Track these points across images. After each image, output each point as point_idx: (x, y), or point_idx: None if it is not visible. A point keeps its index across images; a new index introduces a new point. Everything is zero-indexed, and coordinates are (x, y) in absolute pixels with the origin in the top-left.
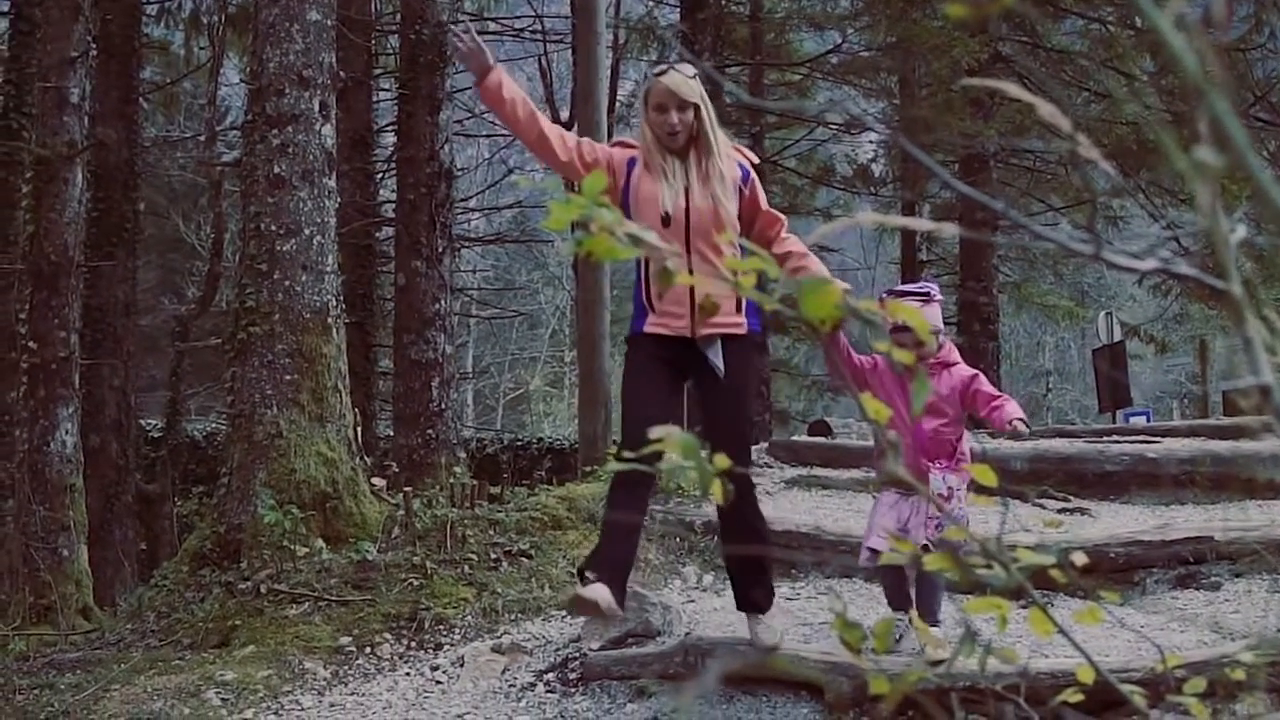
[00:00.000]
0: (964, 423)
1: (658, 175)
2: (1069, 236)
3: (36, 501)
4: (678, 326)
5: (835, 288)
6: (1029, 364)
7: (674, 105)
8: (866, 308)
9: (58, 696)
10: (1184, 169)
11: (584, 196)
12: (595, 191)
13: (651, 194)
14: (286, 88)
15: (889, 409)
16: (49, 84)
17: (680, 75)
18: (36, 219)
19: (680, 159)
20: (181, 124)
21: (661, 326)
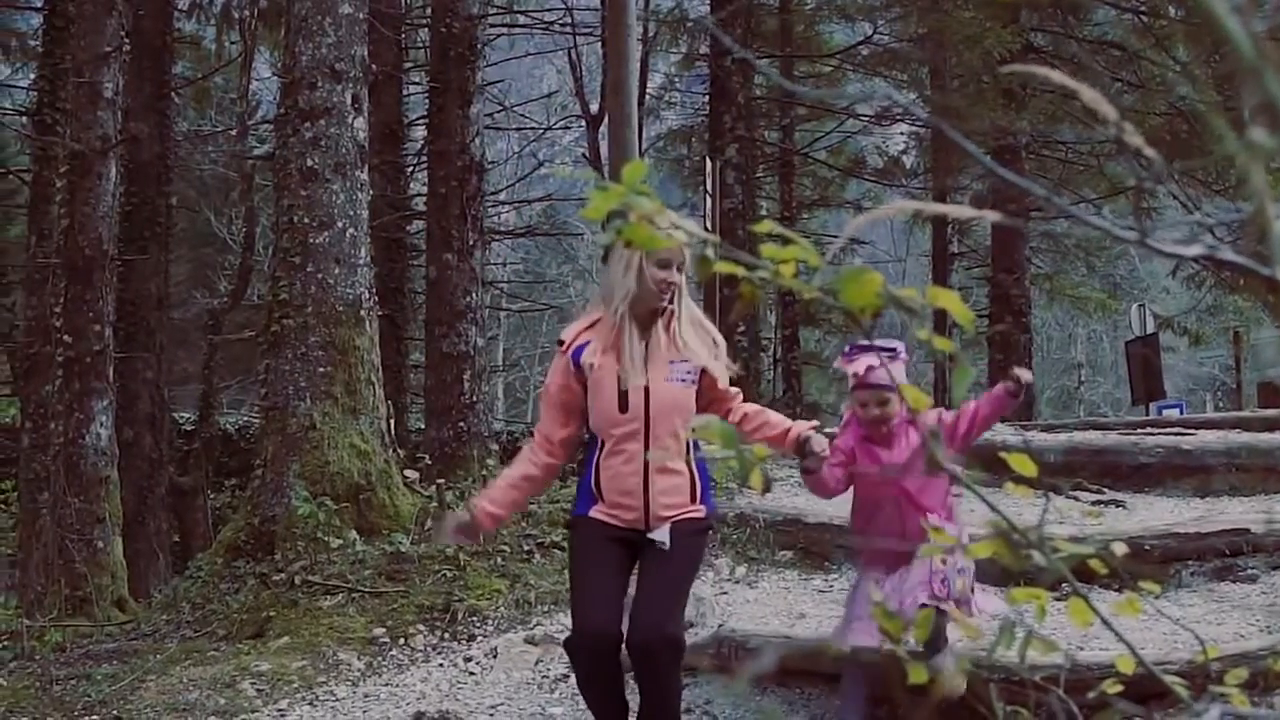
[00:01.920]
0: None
1: (616, 348)
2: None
3: (72, 494)
4: (629, 520)
5: (874, 276)
6: (1061, 357)
7: (677, 262)
8: (907, 295)
9: (94, 687)
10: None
11: (623, 185)
12: (635, 179)
13: (604, 377)
14: (319, 81)
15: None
16: (83, 79)
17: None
18: (70, 213)
19: (645, 328)
20: (213, 118)
21: (611, 518)
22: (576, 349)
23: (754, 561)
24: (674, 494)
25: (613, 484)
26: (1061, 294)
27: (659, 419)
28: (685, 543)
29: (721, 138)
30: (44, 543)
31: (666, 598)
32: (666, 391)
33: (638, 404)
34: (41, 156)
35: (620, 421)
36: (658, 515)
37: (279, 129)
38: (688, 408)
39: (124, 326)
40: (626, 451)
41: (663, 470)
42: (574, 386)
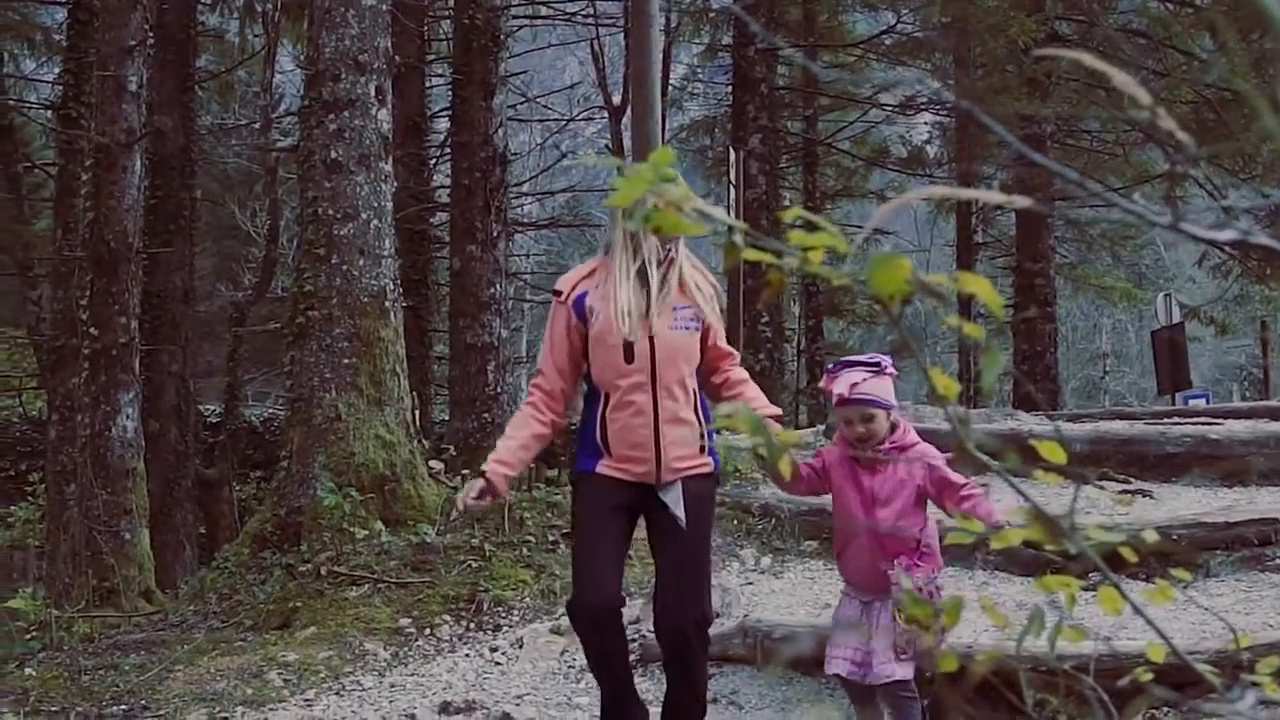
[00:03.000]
0: (923, 510)
1: (615, 295)
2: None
3: (99, 486)
4: (639, 473)
5: (904, 262)
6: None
7: None
8: (936, 282)
9: (122, 677)
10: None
11: (652, 170)
12: (665, 165)
13: (608, 325)
14: (342, 73)
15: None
16: (107, 73)
17: None
18: (96, 206)
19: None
20: (236, 111)
21: (619, 471)
22: (577, 298)
23: (779, 552)
24: (684, 445)
25: (622, 437)
26: (1087, 283)
27: (665, 367)
28: (699, 511)
29: (745, 128)
30: (71, 534)
31: (693, 580)
32: (672, 339)
33: (644, 353)
34: (67, 150)
35: (627, 372)
36: (669, 468)
37: (303, 121)
38: (694, 355)
39: (149, 319)
40: (635, 403)
41: (673, 420)
42: (577, 336)
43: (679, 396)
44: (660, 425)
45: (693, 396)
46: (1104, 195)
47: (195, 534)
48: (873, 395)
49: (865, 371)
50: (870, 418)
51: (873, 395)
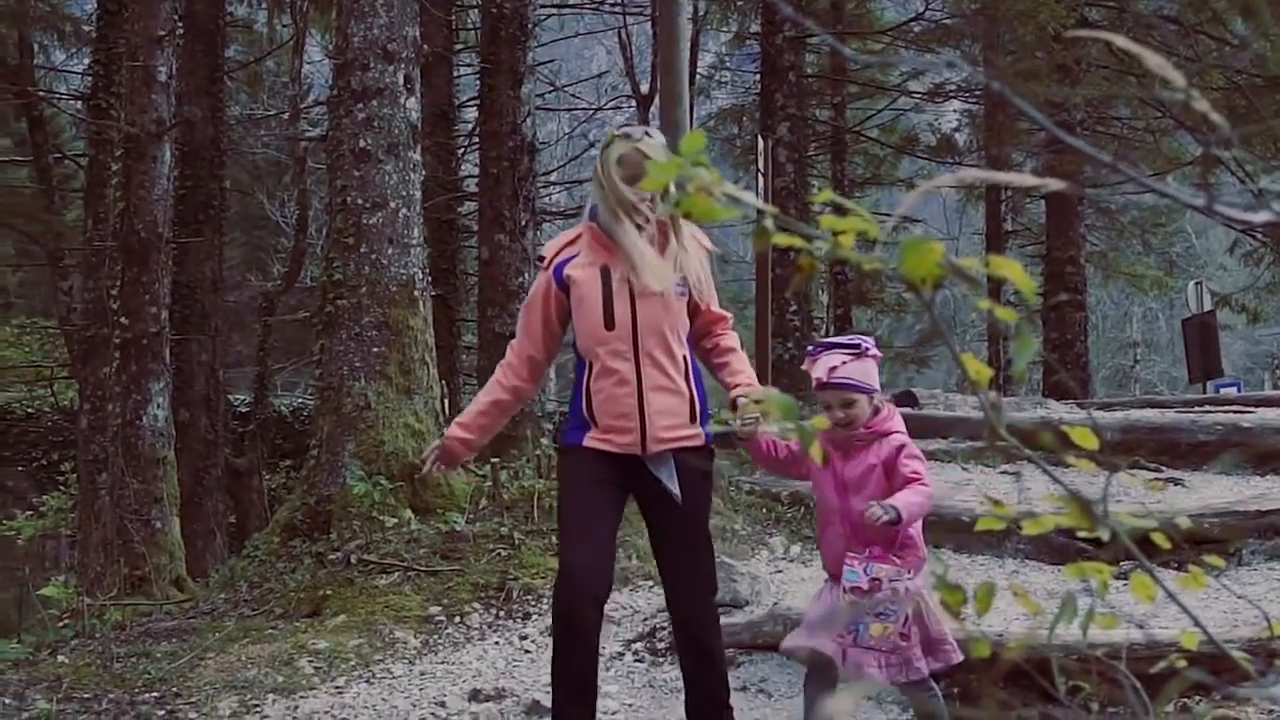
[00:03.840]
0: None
1: (599, 263)
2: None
3: (130, 474)
4: (624, 444)
5: (936, 246)
6: (1116, 335)
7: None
8: (968, 266)
9: (154, 664)
10: None
11: (683, 156)
12: (695, 150)
13: (589, 291)
14: (371, 62)
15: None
16: (137, 63)
17: (657, 143)
18: (126, 196)
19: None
20: (265, 102)
21: (605, 443)
22: (559, 264)
23: (808, 540)
24: (672, 415)
25: (606, 407)
26: (1117, 271)
27: (647, 333)
28: (694, 485)
29: (773, 116)
30: (103, 523)
31: (696, 563)
32: (655, 304)
33: (624, 319)
34: (97, 140)
35: (607, 339)
36: (656, 438)
37: (332, 110)
38: (679, 320)
39: (179, 309)
40: (618, 372)
41: (659, 389)
42: (555, 305)
43: (664, 363)
44: (644, 393)
45: (682, 364)
46: (1138, 178)
47: (225, 523)
48: (853, 379)
49: (846, 354)
50: (850, 402)
51: (853, 379)
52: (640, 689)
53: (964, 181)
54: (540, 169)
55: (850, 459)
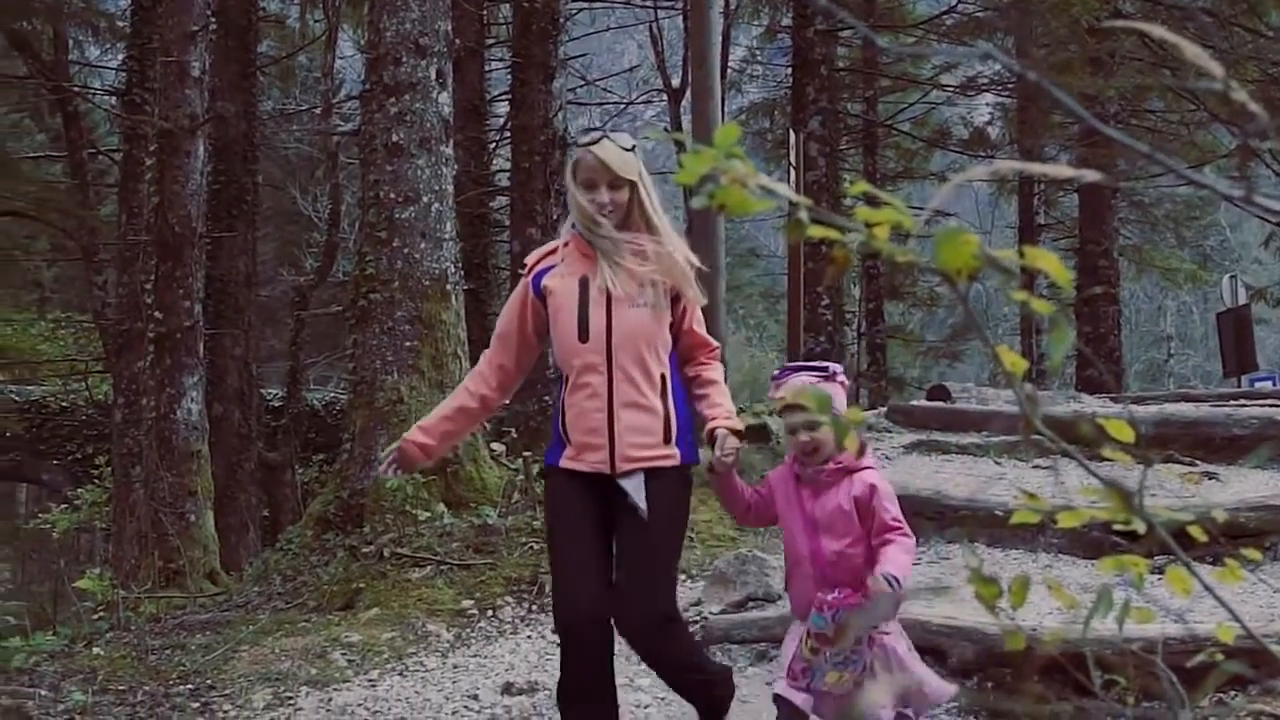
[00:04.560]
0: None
1: (578, 273)
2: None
3: (164, 468)
4: (594, 461)
5: (971, 237)
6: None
7: (604, 181)
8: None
9: (188, 656)
10: None
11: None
12: (730, 142)
13: (565, 301)
14: (403, 56)
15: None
16: (170, 58)
17: (614, 146)
18: (160, 191)
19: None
20: (297, 97)
21: (577, 462)
22: (537, 274)
23: None
24: (643, 433)
25: (578, 423)
26: (1151, 265)
27: (622, 347)
28: (663, 504)
29: (804, 110)
30: (137, 516)
31: (645, 579)
32: (631, 317)
33: (599, 331)
34: (131, 135)
35: (580, 351)
36: (625, 456)
37: (364, 105)
38: (657, 336)
39: (213, 304)
40: (590, 386)
41: (630, 405)
42: (532, 314)
43: (638, 379)
44: (615, 409)
45: (658, 381)
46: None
47: (258, 517)
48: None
49: (813, 376)
50: (816, 425)
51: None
52: None
53: (1000, 172)
54: None
55: (819, 496)
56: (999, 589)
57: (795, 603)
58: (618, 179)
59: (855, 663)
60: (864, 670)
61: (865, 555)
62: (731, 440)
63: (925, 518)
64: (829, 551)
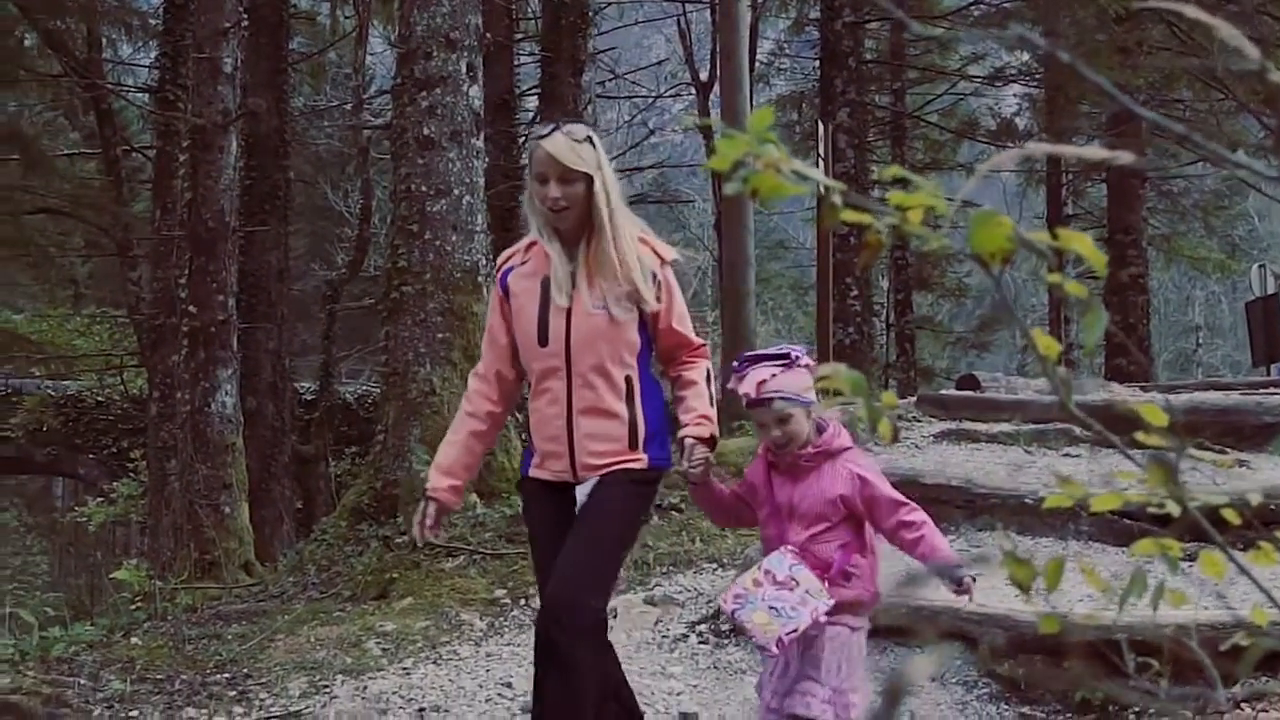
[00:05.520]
0: (857, 531)
1: (540, 273)
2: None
3: (199, 460)
4: (557, 470)
5: (1005, 220)
6: (1178, 319)
7: (555, 175)
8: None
9: (225, 646)
10: None
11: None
12: (763, 127)
13: (527, 302)
14: (434, 50)
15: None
16: (203, 55)
17: (565, 138)
18: (194, 186)
19: (568, 247)
20: (327, 93)
21: (543, 470)
22: (504, 272)
23: None
24: (604, 440)
25: (540, 429)
26: (1179, 254)
27: (582, 351)
28: (609, 495)
29: (833, 102)
30: (173, 509)
31: (576, 564)
32: (590, 322)
33: (558, 334)
34: (165, 132)
35: (540, 355)
36: (585, 464)
37: (396, 98)
38: (620, 339)
39: (246, 298)
40: (550, 391)
41: (590, 411)
42: (503, 317)
43: (598, 385)
44: (573, 416)
45: (622, 385)
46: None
47: (292, 509)
48: (785, 392)
49: (774, 366)
50: (785, 418)
51: (785, 392)
52: (704, 670)
53: (1033, 154)
54: None
55: (797, 483)
56: (1034, 571)
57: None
58: (569, 172)
59: (790, 620)
60: (794, 633)
61: (842, 542)
62: (699, 449)
63: (955, 506)
64: (794, 541)
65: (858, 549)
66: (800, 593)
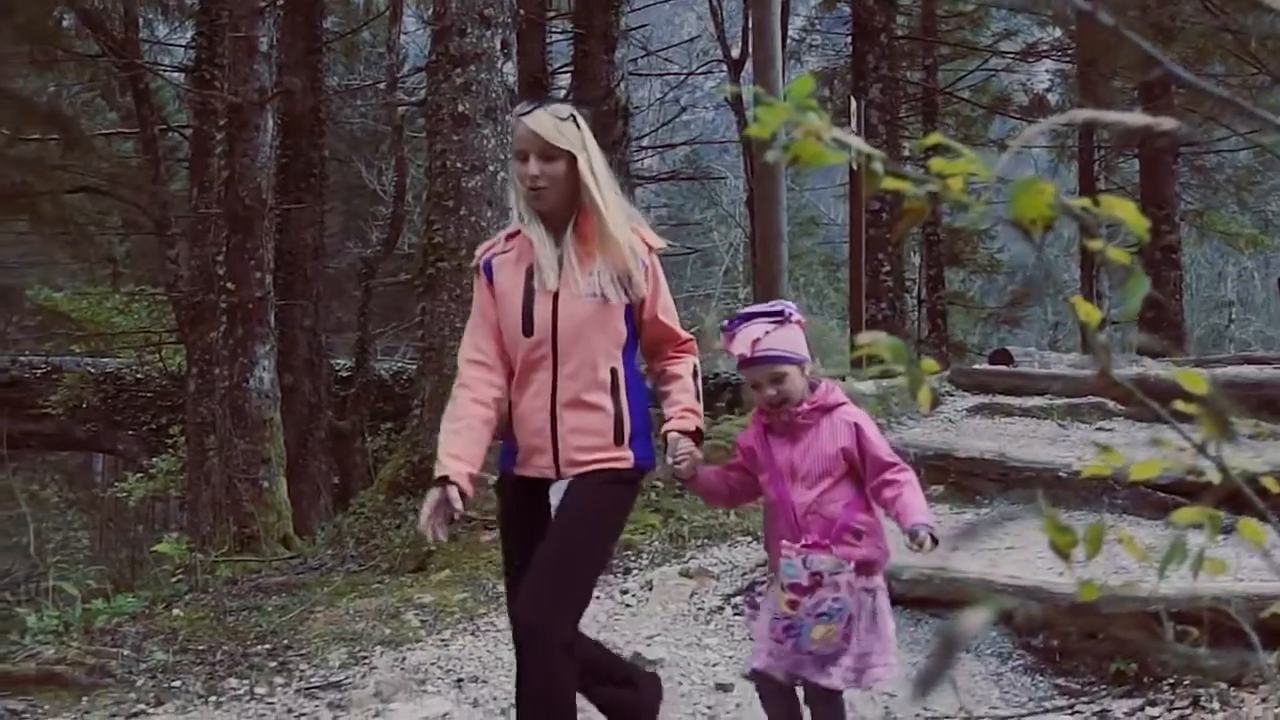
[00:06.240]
0: (859, 488)
1: (526, 260)
2: None
3: (237, 436)
4: (541, 467)
5: (1047, 186)
6: (1210, 294)
7: (535, 152)
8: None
9: (265, 618)
10: None
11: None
12: (804, 94)
13: (510, 290)
14: (469, 27)
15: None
16: (239, 34)
17: (547, 115)
18: (230, 164)
19: (554, 231)
20: (361, 72)
21: (526, 468)
22: (487, 260)
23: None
24: (588, 435)
25: (522, 424)
26: (1212, 230)
27: (568, 341)
28: (588, 501)
29: (865, 78)
30: (212, 484)
31: (548, 582)
32: (579, 308)
33: (544, 323)
34: (201, 111)
35: (524, 345)
36: (568, 460)
37: (430, 76)
38: (608, 328)
39: (282, 276)
40: (534, 383)
41: (574, 405)
42: (488, 304)
43: (585, 376)
44: (558, 409)
45: (608, 378)
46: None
47: (329, 484)
48: (779, 350)
49: (768, 323)
50: (780, 377)
51: (779, 350)
52: (740, 641)
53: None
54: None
55: (797, 443)
56: (1074, 538)
57: (774, 563)
58: (550, 149)
59: (839, 612)
60: (850, 622)
61: (846, 500)
62: (684, 443)
63: (989, 479)
64: (801, 503)
65: (863, 507)
66: (829, 581)
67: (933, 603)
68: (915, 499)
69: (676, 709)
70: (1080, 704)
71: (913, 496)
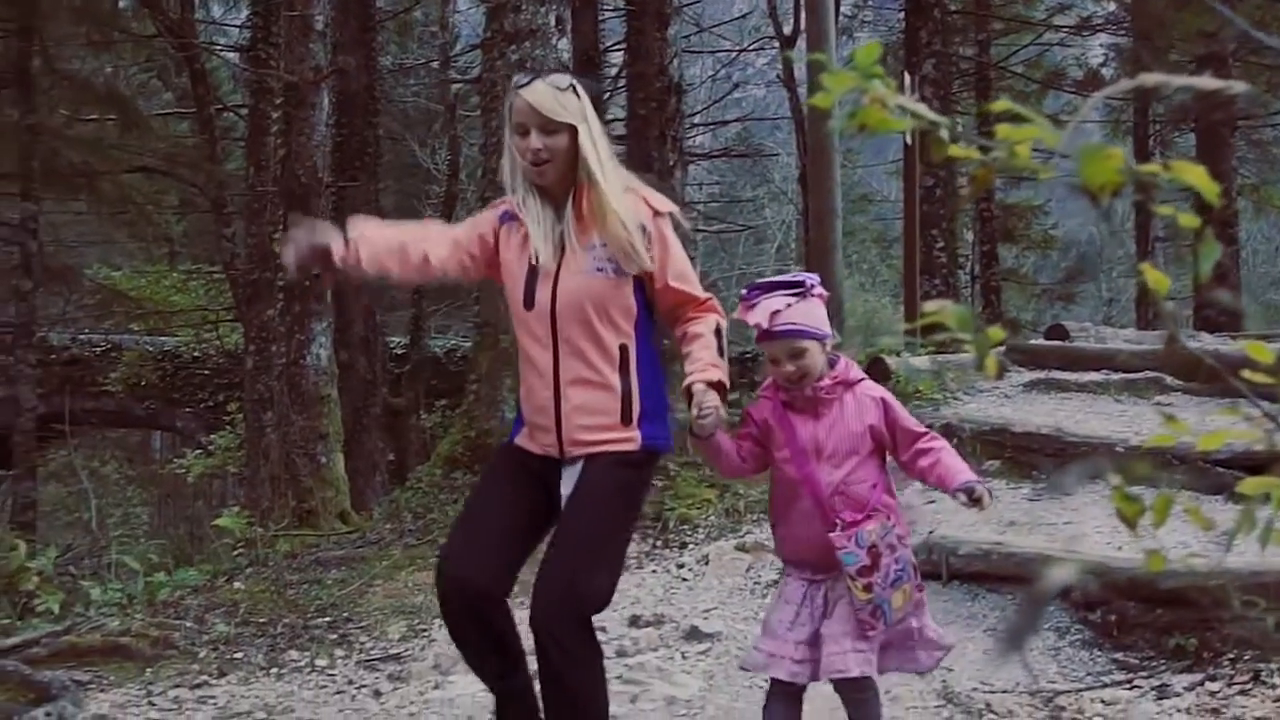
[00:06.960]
0: (881, 469)
1: (520, 233)
2: None
3: (295, 412)
4: (545, 445)
5: (1116, 151)
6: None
7: (535, 125)
8: (1149, 171)
9: (325, 590)
10: None
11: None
12: (871, 61)
13: (514, 259)
14: (523, 4)
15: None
16: (294, 13)
17: (547, 87)
18: (287, 143)
19: (554, 206)
20: (414, 51)
21: (532, 444)
22: (507, 213)
23: None
24: (594, 413)
25: (528, 400)
26: (1269, 205)
27: (568, 317)
28: (596, 488)
29: (918, 54)
30: (270, 459)
31: (567, 556)
32: (580, 284)
33: (544, 299)
34: (257, 90)
35: (525, 319)
36: (572, 439)
37: (486, 52)
38: (611, 302)
39: None
40: (536, 358)
41: (579, 382)
42: (486, 229)
43: (588, 352)
44: (561, 386)
45: (615, 354)
46: None
47: (385, 460)
48: (800, 324)
49: (788, 295)
50: (800, 352)
51: (800, 324)
52: None
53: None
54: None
55: (820, 419)
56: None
57: (788, 547)
58: (550, 122)
59: (905, 569)
60: (916, 571)
61: (873, 480)
62: (710, 396)
63: (1045, 454)
64: (832, 483)
65: (885, 489)
66: (884, 546)
67: (988, 577)
68: (954, 461)
69: (733, 682)
70: (1139, 678)
71: (951, 459)
